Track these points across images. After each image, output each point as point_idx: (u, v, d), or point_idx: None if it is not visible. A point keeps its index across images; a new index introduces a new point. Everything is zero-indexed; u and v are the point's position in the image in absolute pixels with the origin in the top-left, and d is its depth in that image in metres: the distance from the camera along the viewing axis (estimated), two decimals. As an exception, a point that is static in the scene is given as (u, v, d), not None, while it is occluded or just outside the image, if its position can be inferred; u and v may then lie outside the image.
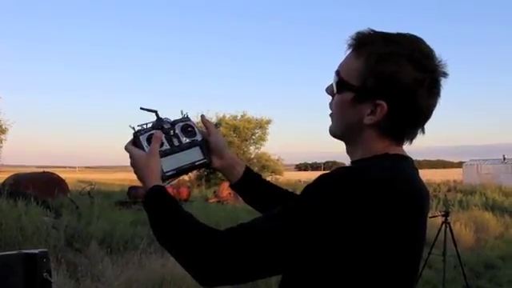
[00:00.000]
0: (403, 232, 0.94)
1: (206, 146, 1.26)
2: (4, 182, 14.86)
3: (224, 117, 27.56)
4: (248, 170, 1.32)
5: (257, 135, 27.39)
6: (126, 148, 1.18)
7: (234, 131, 26.23)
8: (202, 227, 0.97)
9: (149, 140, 1.17)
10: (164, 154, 1.18)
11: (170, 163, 1.19)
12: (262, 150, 27.56)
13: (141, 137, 1.18)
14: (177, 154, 1.21)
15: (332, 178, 0.92)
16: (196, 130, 1.26)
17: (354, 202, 0.87)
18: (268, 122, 27.50)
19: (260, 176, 1.36)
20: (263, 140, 27.49)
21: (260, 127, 27.34)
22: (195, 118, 1.41)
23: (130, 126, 1.20)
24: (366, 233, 0.88)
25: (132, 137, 1.20)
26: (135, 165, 1.15)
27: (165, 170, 1.17)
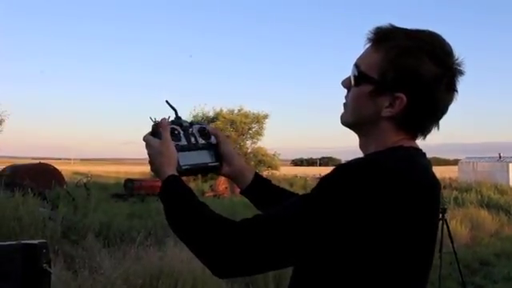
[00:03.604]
0: (420, 222, 0.94)
1: (217, 151, 1.28)
2: (0, 172, 14.81)
3: (221, 111, 27.50)
4: (257, 176, 1.33)
5: (253, 130, 27.32)
6: (144, 138, 1.18)
7: (230, 125, 26.17)
8: (218, 217, 0.97)
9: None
10: (181, 149, 1.19)
11: (186, 159, 1.19)
12: (259, 144, 27.53)
13: (160, 128, 1.19)
14: (193, 152, 1.22)
15: (349, 169, 0.92)
16: (211, 134, 1.28)
17: (371, 193, 0.88)
18: (265, 116, 27.44)
19: (269, 181, 1.35)
20: (260, 135, 27.43)
21: (257, 122, 27.28)
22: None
23: (151, 118, 1.20)
24: (383, 222, 0.88)
25: (151, 129, 1.20)
26: (151, 153, 1.15)
27: (181, 164, 1.17)
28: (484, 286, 6.44)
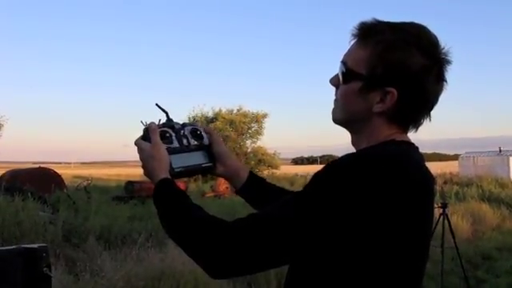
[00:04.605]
0: (414, 216, 0.94)
1: (211, 151, 1.27)
2: (0, 177, 14.79)
3: (220, 111, 27.55)
4: (252, 175, 1.32)
5: (253, 129, 27.36)
6: (136, 142, 1.18)
7: (230, 125, 26.18)
8: (212, 219, 0.96)
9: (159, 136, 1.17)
10: (173, 152, 1.18)
11: (179, 161, 1.18)
12: (259, 144, 27.57)
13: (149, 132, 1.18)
14: (185, 154, 1.21)
15: (340, 165, 0.92)
16: (203, 134, 1.27)
17: (362, 188, 0.87)
18: (264, 116, 27.48)
19: (264, 179, 1.35)
20: (259, 134, 27.48)
21: (256, 121, 27.30)
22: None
23: (142, 122, 1.19)
24: (375, 218, 0.88)
25: (142, 132, 1.19)
26: (143, 157, 1.14)
27: (173, 166, 1.16)
28: (486, 280, 6.43)
